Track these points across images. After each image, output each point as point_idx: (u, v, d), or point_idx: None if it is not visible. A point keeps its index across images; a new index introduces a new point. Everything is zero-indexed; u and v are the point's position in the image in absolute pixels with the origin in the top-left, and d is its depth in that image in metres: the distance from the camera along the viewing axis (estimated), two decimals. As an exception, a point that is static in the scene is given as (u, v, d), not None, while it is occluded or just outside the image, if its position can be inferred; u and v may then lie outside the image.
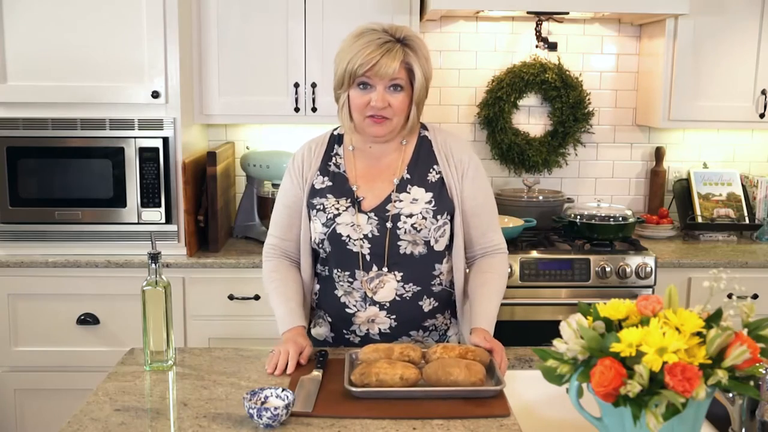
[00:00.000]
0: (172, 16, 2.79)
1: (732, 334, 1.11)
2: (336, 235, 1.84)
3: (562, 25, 3.40)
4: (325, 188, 1.89)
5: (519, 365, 1.82)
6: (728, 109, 3.21)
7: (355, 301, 1.88)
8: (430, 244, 1.85)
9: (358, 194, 1.86)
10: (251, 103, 3.07)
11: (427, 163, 1.90)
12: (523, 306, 2.90)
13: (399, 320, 1.87)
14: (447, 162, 1.89)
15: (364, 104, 1.79)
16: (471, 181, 1.90)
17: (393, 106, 1.79)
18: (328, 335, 1.96)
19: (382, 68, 1.74)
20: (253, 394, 1.49)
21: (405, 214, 1.83)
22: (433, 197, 1.86)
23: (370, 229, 1.84)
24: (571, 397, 1.18)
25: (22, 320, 2.86)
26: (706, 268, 2.94)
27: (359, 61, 1.74)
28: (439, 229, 1.86)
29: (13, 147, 2.82)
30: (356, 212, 1.84)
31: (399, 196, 1.85)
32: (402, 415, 1.49)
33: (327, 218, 1.85)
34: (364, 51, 1.74)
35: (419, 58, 1.78)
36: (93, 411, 1.52)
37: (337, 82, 1.82)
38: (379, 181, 1.88)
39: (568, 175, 3.57)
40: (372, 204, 1.86)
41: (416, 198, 1.85)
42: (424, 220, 1.83)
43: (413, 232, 1.83)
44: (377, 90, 1.77)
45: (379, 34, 1.77)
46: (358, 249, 1.84)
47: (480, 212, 1.92)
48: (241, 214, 3.26)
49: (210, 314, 2.89)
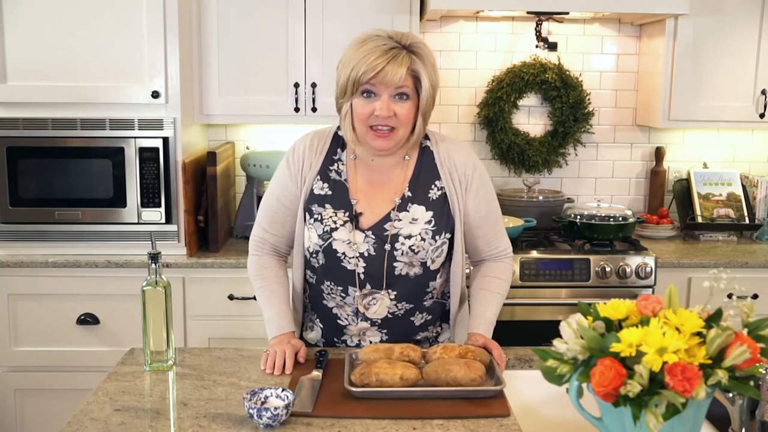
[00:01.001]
0: (172, 16, 2.79)
1: (732, 334, 1.11)
2: (332, 251, 1.79)
3: (562, 25, 3.40)
4: (324, 196, 1.82)
5: (519, 365, 1.82)
6: (728, 109, 3.21)
7: (347, 314, 1.85)
8: (427, 264, 1.81)
9: (357, 209, 1.80)
10: (251, 103, 3.07)
11: (429, 179, 1.82)
12: (523, 306, 2.90)
13: (390, 334, 1.86)
14: (450, 176, 1.83)
15: (368, 114, 1.70)
16: (475, 193, 1.84)
17: (398, 115, 1.70)
18: (319, 340, 1.94)
19: (387, 75, 1.65)
20: (253, 394, 1.49)
21: (404, 235, 1.78)
22: (434, 216, 1.80)
23: (366, 248, 1.78)
24: (571, 397, 1.18)
25: (22, 320, 2.86)
26: (706, 268, 2.94)
27: (364, 67, 1.65)
28: (437, 250, 1.81)
29: (13, 147, 2.82)
30: (353, 229, 1.79)
31: (399, 215, 1.79)
32: (402, 415, 1.49)
33: (324, 230, 1.79)
34: (369, 57, 1.65)
35: (426, 66, 1.70)
36: (93, 411, 1.52)
37: (340, 90, 1.74)
38: (379, 198, 1.81)
39: (568, 175, 3.57)
40: (370, 221, 1.79)
41: (416, 218, 1.79)
42: (422, 242, 1.78)
43: (410, 254, 1.78)
44: (382, 98, 1.69)
45: (384, 40, 1.68)
46: (353, 267, 1.79)
47: (484, 223, 1.87)
48: (241, 214, 3.26)
49: (210, 314, 2.89)
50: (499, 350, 1.74)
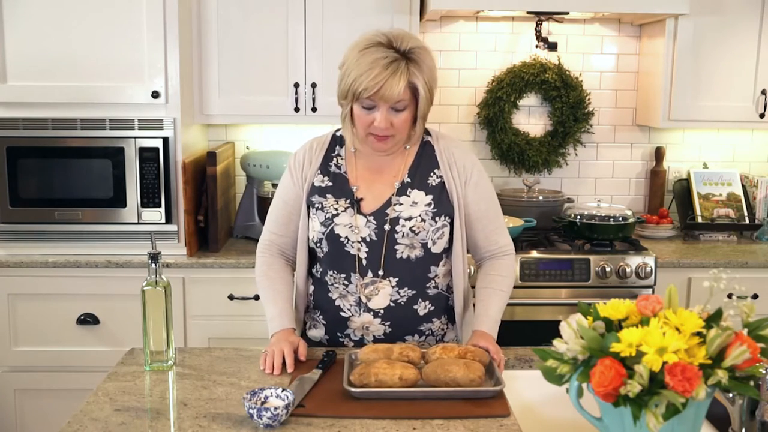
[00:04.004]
0: (172, 16, 2.79)
1: (732, 334, 1.11)
2: (334, 236, 1.84)
3: (562, 25, 3.40)
4: (325, 187, 1.88)
5: (519, 365, 1.82)
6: (728, 109, 3.21)
7: (350, 305, 1.87)
8: (428, 246, 1.85)
9: (358, 195, 1.86)
10: (251, 103, 3.07)
11: (428, 167, 1.89)
12: (523, 306, 2.90)
13: (393, 326, 1.87)
14: (449, 168, 1.89)
15: (368, 123, 1.78)
16: (474, 187, 1.90)
17: (396, 125, 1.78)
18: (323, 338, 1.95)
19: (386, 92, 1.72)
20: (253, 394, 1.49)
21: (404, 217, 1.83)
22: (433, 199, 1.86)
23: (368, 233, 1.83)
24: (571, 397, 1.18)
25: (22, 320, 2.86)
26: (706, 268, 2.94)
27: (364, 84, 1.72)
28: (438, 231, 1.85)
29: (13, 147, 2.82)
30: (355, 213, 1.84)
31: (399, 199, 1.85)
32: (402, 415, 1.49)
33: (325, 217, 1.85)
34: (370, 74, 1.71)
35: (423, 72, 1.75)
36: (93, 411, 1.52)
37: (341, 94, 1.80)
38: (380, 183, 1.88)
39: (568, 175, 3.57)
40: (371, 207, 1.85)
41: (416, 201, 1.85)
42: (423, 222, 1.83)
43: (411, 235, 1.83)
44: (380, 111, 1.76)
45: (384, 51, 1.73)
46: (355, 252, 1.84)
47: (483, 217, 1.92)
48: (241, 214, 3.26)
49: (210, 314, 2.89)
50: (498, 353, 1.75)
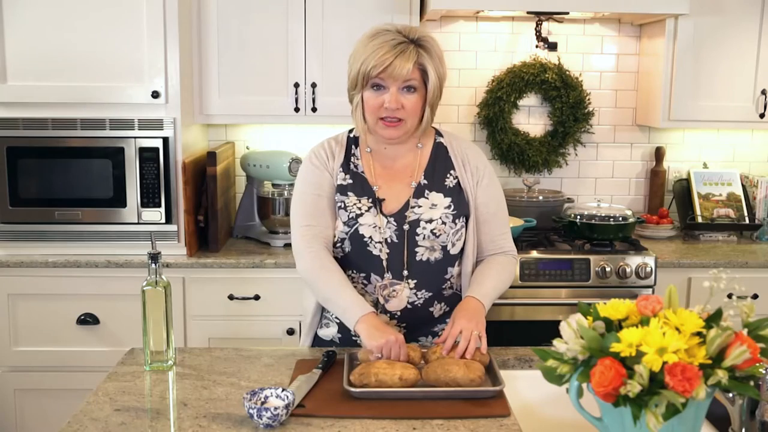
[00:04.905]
0: (172, 16, 2.79)
1: (732, 334, 1.11)
2: (358, 236, 1.83)
3: (562, 25, 3.40)
4: (346, 185, 1.87)
5: (519, 365, 1.82)
6: (728, 109, 3.21)
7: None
8: (447, 248, 1.86)
9: (379, 194, 1.86)
10: (251, 103, 3.07)
11: (444, 168, 1.90)
12: (523, 306, 2.90)
13: (409, 327, 1.87)
14: (463, 167, 1.90)
15: (378, 106, 1.78)
16: (485, 188, 1.91)
17: (406, 107, 1.78)
18: (335, 336, 1.95)
19: (395, 69, 1.73)
20: (253, 394, 1.49)
21: (425, 219, 1.84)
22: (452, 201, 1.86)
23: (389, 234, 1.83)
24: (571, 397, 1.18)
25: (22, 320, 2.86)
26: (706, 268, 2.94)
27: (372, 62, 1.74)
28: (457, 233, 1.86)
29: (13, 147, 2.82)
30: (378, 213, 1.84)
31: (417, 201, 1.85)
32: (402, 415, 1.49)
33: (349, 217, 1.84)
34: (378, 52, 1.74)
35: (433, 59, 1.78)
36: (93, 411, 1.52)
37: (351, 83, 1.82)
38: (397, 183, 1.88)
39: (568, 175, 3.57)
40: (393, 208, 1.85)
41: (435, 203, 1.86)
42: (443, 225, 1.84)
43: (432, 237, 1.83)
44: (390, 91, 1.77)
45: (392, 35, 1.76)
46: (378, 252, 1.83)
47: (491, 220, 1.92)
48: (241, 214, 3.26)
49: (210, 314, 2.89)
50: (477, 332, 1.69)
